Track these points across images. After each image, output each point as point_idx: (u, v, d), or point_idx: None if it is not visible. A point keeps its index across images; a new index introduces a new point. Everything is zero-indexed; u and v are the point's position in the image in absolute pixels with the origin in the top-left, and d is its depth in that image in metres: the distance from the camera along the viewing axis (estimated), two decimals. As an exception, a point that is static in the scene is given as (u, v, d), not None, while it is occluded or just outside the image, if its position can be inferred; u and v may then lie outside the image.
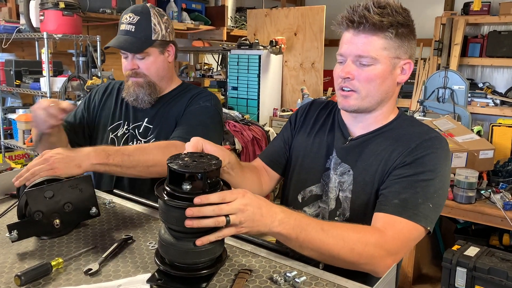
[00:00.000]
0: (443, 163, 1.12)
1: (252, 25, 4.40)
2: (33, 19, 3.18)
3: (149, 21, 1.55)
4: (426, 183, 1.08)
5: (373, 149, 1.18)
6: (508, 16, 4.07)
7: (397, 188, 1.08)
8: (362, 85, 1.13)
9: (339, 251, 0.97)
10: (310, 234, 0.95)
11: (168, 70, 1.65)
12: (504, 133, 2.77)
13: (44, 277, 0.91)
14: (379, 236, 1.01)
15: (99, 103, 1.74)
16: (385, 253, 1.00)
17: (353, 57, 1.13)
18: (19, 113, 3.51)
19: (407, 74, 1.17)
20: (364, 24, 1.09)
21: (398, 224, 1.04)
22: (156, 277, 0.89)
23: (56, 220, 1.06)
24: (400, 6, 1.12)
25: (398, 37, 1.11)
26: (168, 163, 0.87)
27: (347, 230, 1.00)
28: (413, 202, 1.05)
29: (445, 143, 1.15)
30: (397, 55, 1.13)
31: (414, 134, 1.16)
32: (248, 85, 4.04)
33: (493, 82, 4.51)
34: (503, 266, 1.94)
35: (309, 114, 1.37)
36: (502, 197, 2.23)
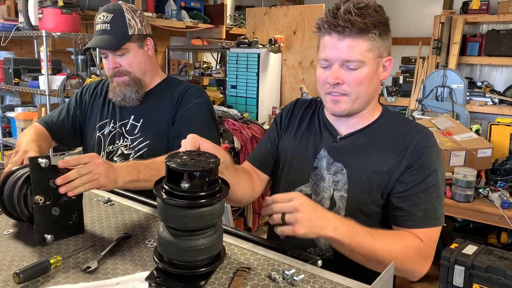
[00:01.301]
0: (440, 158, 1.19)
1: (251, 23, 4.40)
2: (32, 17, 3.18)
3: (123, 17, 1.55)
4: (435, 186, 1.15)
5: (366, 148, 1.20)
6: (507, 15, 4.07)
7: (415, 201, 1.14)
8: (352, 89, 1.14)
9: (385, 257, 1.04)
10: (361, 240, 1.02)
11: (150, 64, 1.65)
12: (502, 131, 2.77)
13: (43, 275, 0.91)
14: (419, 244, 1.10)
15: (89, 101, 1.74)
16: (423, 260, 1.11)
17: (339, 61, 1.12)
18: (18, 111, 3.50)
19: (389, 70, 1.20)
20: (349, 28, 1.08)
21: (429, 233, 1.13)
22: (155, 275, 0.90)
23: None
24: (377, 5, 1.13)
25: (380, 36, 1.12)
26: (167, 161, 0.87)
27: (392, 238, 1.09)
28: (432, 209, 1.14)
29: (434, 137, 1.22)
30: (380, 54, 1.15)
31: (406, 132, 1.20)
32: (247, 83, 4.03)
33: (491, 81, 4.52)
34: (501, 264, 1.94)
35: (294, 114, 1.37)
36: (500, 195, 2.24)
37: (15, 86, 3.36)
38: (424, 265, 1.10)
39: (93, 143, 1.69)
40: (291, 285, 0.88)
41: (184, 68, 5.01)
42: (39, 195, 1.03)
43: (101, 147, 1.67)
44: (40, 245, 1.04)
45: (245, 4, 5.36)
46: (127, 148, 1.61)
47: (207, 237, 0.88)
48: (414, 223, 1.13)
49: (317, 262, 0.98)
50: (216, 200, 0.87)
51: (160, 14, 4.22)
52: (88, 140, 1.71)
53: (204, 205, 0.85)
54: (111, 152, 1.64)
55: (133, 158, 1.58)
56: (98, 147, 1.67)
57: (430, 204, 1.13)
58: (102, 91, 1.75)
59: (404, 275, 1.13)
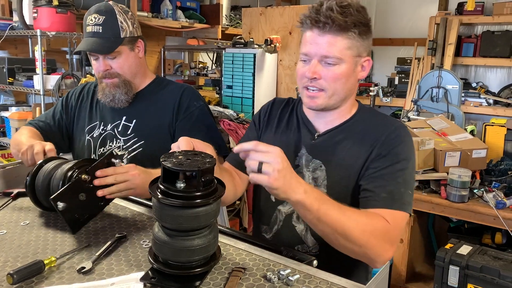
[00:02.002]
0: (411, 149, 1.20)
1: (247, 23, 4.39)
2: (26, 16, 3.15)
3: (115, 19, 1.53)
4: (403, 172, 1.15)
5: (343, 144, 1.23)
6: (501, 16, 4.09)
7: (380, 182, 1.14)
8: (329, 84, 1.17)
9: (352, 230, 1.01)
10: (329, 210, 1.01)
11: (140, 66, 1.64)
12: (497, 132, 2.79)
13: (37, 275, 0.90)
14: (385, 224, 1.07)
15: (76, 105, 1.73)
16: (389, 243, 1.07)
17: (318, 57, 1.15)
18: (12, 111, 3.48)
19: (367, 70, 1.23)
20: (329, 25, 1.11)
21: (393, 215, 1.10)
22: (150, 275, 0.89)
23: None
24: (359, 5, 1.15)
25: (360, 36, 1.15)
26: (162, 161, 0.86)
27: (359, 213, 1.07)
28: (398, 192, 1.13)
29: (407, 130, 1.24)
30: (358, 53, 1.17)
31: (379, 125, 1.23)
32: (243, 83, 4.03)
33: (486, 82, 4.54)
34: (495, 265, 1.95)
35: (272, 113, 1.39)
36: (495, 196, 2.25)
37: (9, 85, 3.33)
38: (388, 249, 1.06)
39: (81, 146, 1.68)
40: (287, 285, 0.88)
41: (179, 68, 5.00)
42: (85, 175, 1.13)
43: (91, 150, 1.66)
44: (34, 245, 1.04)
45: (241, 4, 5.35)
46: (120, 149, 1.61)
47: (203, 237, 0.88)
48: (378, 203, 1.11)
49: (313, 262, 0.98)
50: (211, 200, 0.86)
51: (155, 14, 4.21)
52: (77, 144, 1.70)
53: (200, 205, 0.85)
54: (102, 154, 1.63)
55: (126, 159, 1.58)
56: (88, 150, 1.66)
57: (396, 188, 1.13)
58: (89, 94, 1.73)
59: (366, 259, 1.08)
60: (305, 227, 1.26)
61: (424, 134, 2.57)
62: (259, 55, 3.96)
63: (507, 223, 2.16)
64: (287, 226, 1.28)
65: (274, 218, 1.30)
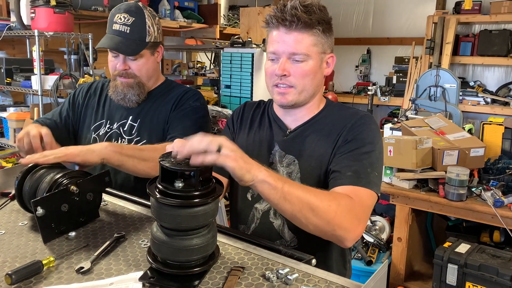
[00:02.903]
0: (377, 135, 1.24)
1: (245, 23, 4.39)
2: (24, 17, 3.15)
3: (143, 23, 1.54)
4: (369, 154, 1.18)
5: (313, 137, 1.27)
6: (498, 15, 4.10)
7: (346, 163, 1.16)
8: (298, 81, 1.21)
9: (318, 204, 1.01)
10: (293, 186, 1.02)
11: (156, 71, 1.67)
12: (494, 131, 2.79)
13: (35, 275, 0.90)
14: (349, 200, 1.07)
15: (83, 102, 1.73)
16: (355, 218, 1.06)
17: (287, 54, 1.19)
18: (10, 112, 3.48)
19: (331, 67, 1.28)
20: (295, 23, 1.16)
21: (358, 192, 1.11)
22: (149, 275, 0.89)
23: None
24: (320, 4, 1.20)
25: (324, 33, 1.20)
26: (160, 161, 0.86)
27: (323, 192, 1.08)
28: (364, 172, 1.14)
29: (373, 118, 1.29)
30: (323, 50, 1.22)
31: (346, 116, 1.27)
32: (241, 83, 4.03)
33: (484, 81, 4.55)
34: (494, 263, 1.96)
35: (244, 115, 1.42)
36: (493, 194, 2.26)
37: (7, 86, 3.33)
38: (356, 226, 1.06)
39: (87, 144, 1.67)
40: (285, 284, 0.88)
41: (178, 68, 5.00)
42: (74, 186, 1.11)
43: None
44: (33, 246, 1.04)
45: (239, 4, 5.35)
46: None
47: (201, 236, 0.88)
48: (343, 181, 1.13)
49: (311, 261, 0.98)
50: (210, 199, 0.86)
51: (153, 14, 4.21)
52: (82, 142, 1.70)
53: (198, 204, 0.85)
54: None
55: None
56: None
57: (362, 168, 1.15)
58: (96, 92, 1.74)
59: (336, 237, 1.06)
60: (282, 222, 1.28)
61: (422, 133, 2.58)
62: (257, 55, 3.96)
63: (505, 221, 2.17)
64: (264, 223, 1.30)
65: (252, 217, 1.32)
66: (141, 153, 1.34)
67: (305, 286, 0.87)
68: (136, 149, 1.35)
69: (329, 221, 1.02)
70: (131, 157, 1.30)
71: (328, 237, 1.07)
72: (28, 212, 1.20)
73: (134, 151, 1.33)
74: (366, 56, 5.23)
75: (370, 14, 5.25)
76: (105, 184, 1.20)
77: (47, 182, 1.13)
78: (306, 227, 1.05)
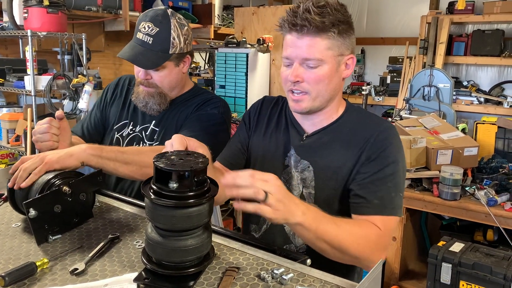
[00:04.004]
0: (400, 152, 1.20)
1: (239, 23, 4.39)
2: (17, 17, 3.13)
3: (168, 34, 1.47)
4: (393, 176, 1.16)
5: (330, 145, 1.22)
6: (491, 15, 4.13)
7: (371, 188, 1.14)
8: (312, 87, 1.16)
9: (348, 245, 1.04)
10: (326, 227, 1.02)
11: (180, 81, 1.60)
12: (488, 130, 2.81)
13: (29, 277, 0.90)
14: (377, 231, 1.11)
15: (110, 100, 1.71)
16: (381, 250, 1.11)
17: (299, 60, 1.15)
18: (3, 112, 3.45)
19: (351, 68, 1.21)
20: (307, 27, 1.10)
21: (384, 221, 1.12)
22: (143, 276, 0.89)
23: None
24: (338, 3, 1.14)
25: (340, 34, 1.13)
26: (155, 161, 0.86)
27: (353, 225, 1.10)
28: (389, 198, 1.14)
29: (396, 130, 1.23)
30: (340, 52, 1.16)
31: (367, 127, 1.22)
32: (235, 83, 4.03)
33: (477, 81, 4.58)
34: (487, 261, 1.97)
35: (262, 113, 1.38)
36: (486, 193, 2.27)
37: (0, 86, 3.30)
38: (380, 255, 1.10)
39: (110, 143, 1.66)
40: (280, 284, 0.88)
41: (172, 68, 4.98)
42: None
43: None
44: (26, 247, 1.03)
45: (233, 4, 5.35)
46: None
47: (196, 237, 0.88)
48: (370, 210, 1.13)
49: (306, 261, 0.98)
50: (204, 200, 0.86)
51: (147, 14, 4.19)
52: (106, 141, 1.68)
53: (193, 205, 0.85)
54: None
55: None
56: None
57: (387, 193, 1.14)
58: (123, 91, 1.71)
59: (358, 264, 1.14)
60: None
61: (416, 132, 2.59)
62: (251, 55, 3.96)
63: (499, 220, 2.18)
64: (276, 226, 1.28)
65: (263, 218, 1.30)
66: (123, 156, 1.30)
67: (300, 286, 0.87)
68: (118, 152, 1.31)
69: (357, 257, 1.08)
70: (112, 160, 1.27)
71: (350, 263, 1.15)
72: (21, 214, 1.19)
73: (116, 154, 1.29)
74: (360, 56, 5.24)
75: (364, 14, 5.27)
76: (98, 183, 1.19)
77: (39, 183, 1.12)
78: (331, 258, 1.09)
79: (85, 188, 1.15)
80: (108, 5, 3.75)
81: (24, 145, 3.21)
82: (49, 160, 1.16)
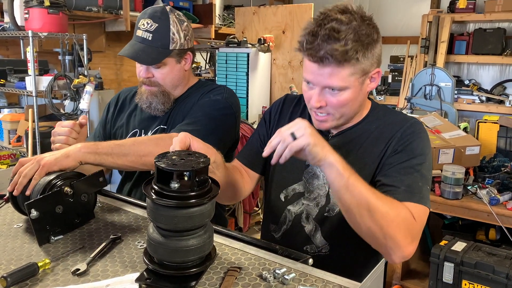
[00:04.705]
0: (427, 145, 1.18)
1: (240, 23, 4.39)
2: (18, 17, 3.13)
3: (167, 29, 1.47)
4: (420, 166, 1.12)
5: (357, 143, 1.21)
6: (493, 14, 4.12)
7: (398, 177, 1.11)
8: (336, 109, 1.14)
9: (377, 206, 0.99)
10: (358, 180, 1.01)
11: (183, 78, 1.59)
12: (489, 129, 2.80)
13: (31, 278, 0.89)
14: (410, 216, 1.04)
15: (112, 116, 1.70)
16: (411, 237, 1.02)
17: (321, 86, 1.11)
18: (4, 113, 3.45)
19: (377, 81, 1.17)
20: (329, 59, 1.05)
21: (415, 208, 1.06)
22: (145, 276, 0.89)
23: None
24: (359, 19, 1.06)
25: (364, 56, 1.07)
26: (156, 161, 0.86)
27: (386, 197, 1.04)
28: (417, 186, 1.09)
29: (422, 125, 1.21)
30: (365, 72, 1.11)
31: (394, 123, 1.20)
32: (236, 83, 4.03)
33: (479, 79, 4.57)
34: (490, 261, 1.96)
35: (284, 111, 1.35)
36: (488, 192, 2.26)
37: (1, 87, 3.31)
38: (409, 243, 1.02)
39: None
40: (282, 284, 0.88)
41: (173, 68, 4.98)
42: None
43: None
44: (28, 248, 1.03)
45: (234, 4, 5.35)
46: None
47: (198, 237, 0.88)
48: (398, 196, 1.06)
49: (308, 260, 0.98)
50: (206, 200, 0.86)
51: (148, 14, 4.19)
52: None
53: (194, 205, 0.85)
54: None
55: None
56: None
57: (414, 182, 1.09)
58: (125, 103, 1.70)
59: (385, 248, 1.02)
60: (314, 227, 1.24)
61: (418, 131, 2.58)
62: (252, 55, 3.96)
63: (501, 219, 2.17)
64: (296, 226, 1.26)
65: (283, 218, 1.29)
66: (120, 149, 1.29)
67: (302, 285, 0.87)
68: (114, 145, 1.29)
69: (383, 227, 0.99)
70: (109, 154, 1.26)
71: (377, 246, 1.05)
72: (22, 215, 1.19)
73: (113, 148, 1.28)
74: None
75: (365, 13, 5.26)
76: (99, 184, 1.19)
77: (40, 184, 1.12)
78: (358, 226, 1.04)
79: (87, 189, 1.15)
80: (109, 5, 3.75)
81: (25, 145, 3.22)
82: (47, 162, 1.15)
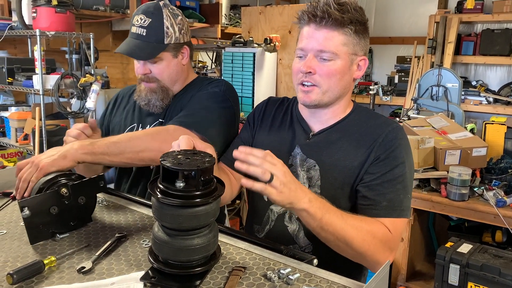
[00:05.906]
0: (408, 151, 1.21)
1: (246, 22, 4.39)
2: (26, 16, 3.15)
3: (161, 23, 1.47)
4: (402, 177, 1.16)
5: (338, 144, 1.22)
6: (501, 14, 4.09)
7: (380, 190, 1.15)
8: (323, 80, 1.17)
9: (353, 239, 1.05)
10: (332, 218, 1.04)
11: (181, 73, 1.58)
12: (497, 130, 2.78)
13: (37, 275, 0.90)
14: (386, 232, 1.11)
15: (110, 114, 1.71)
16: (388, 250, 1.11)
17: (314, 51, 1.16)
18: (12, 111, 3.48)
19: (363, 70, 1.23)
20: (326, 19, 1.13)
21: (393, 223, 1.13)
22: (150, 274, 0.89)
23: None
24: (356, 4, 1.17)
25: (356, 33, 1.16)
26: (161, 160, 0.86)
27: (360, 221, 1.09)
28: (398, 200, 1.15)
29: (404, 131, 1.24)
30: (354, 51, 1.18)
31: (375, 126, 1.22)
32: (242, 83, 4.03)
33: (486, 80, 4.54)
34: (496, 263, 1.95)
35: (267, 112, 1.38)
36: (495, 194, 2.25)
37: (9, 85, 3.33)
38: (387, 256, 1.10)
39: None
40: (287, 284, 0.88)
41: (179, 67, 4.99)
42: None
43: None
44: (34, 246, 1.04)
45: (240, 3, 5.35)
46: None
47: (202, 236, 0.88)
48: (379, 212, 1.14)
49: (313, 261, 0.98)
50: (211, 199, 0.86)
51: (155, 13, 4.20)
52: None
53: (199, 204, 0.85)
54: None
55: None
56: None
57: (396, 195, 1.15)
58: (123, 100, 1.71)
59: (365, 264, 1.15)
60: (298, 227, 1.26)
61: (424, 132, 2.57)
62: (258, 54, 3.96)
63: (508, 221, 2.16)
64: (279, 226, 1.28)
65: (266, 218, 1.30)
66: (116, 146, 1.28)
67: (306, 286, 0.87)
68: (110, 143, 1.28)
69: (361, 253, 1.08)
70: (105, 154, 1.26)
71: (359, 262, 1.14)
72: None
73: (109, 146, 1.27)
74: (368, 55, 5.22)
75: (372, 13, 5.24)
76: (99, 188, 1.17)
77: (40, 183, 1.12)
78: (337, 251, 1.11)
79: (85, 192, 1.13)
80: (116, 4, 3.77)
81: (32, 143, 3.24)
82: (44, 164, 1.15)
